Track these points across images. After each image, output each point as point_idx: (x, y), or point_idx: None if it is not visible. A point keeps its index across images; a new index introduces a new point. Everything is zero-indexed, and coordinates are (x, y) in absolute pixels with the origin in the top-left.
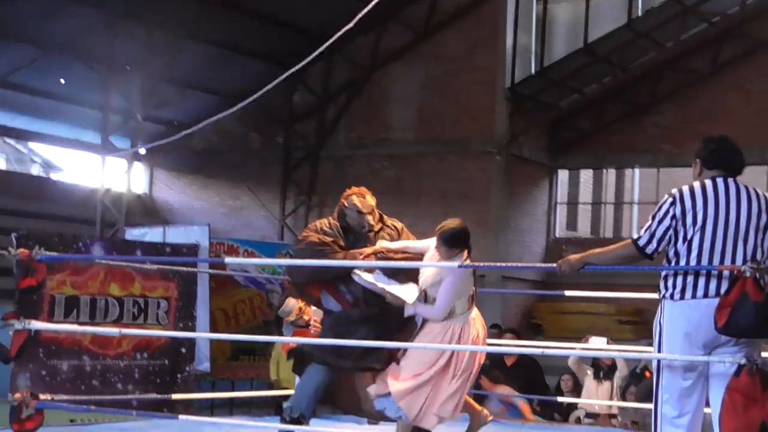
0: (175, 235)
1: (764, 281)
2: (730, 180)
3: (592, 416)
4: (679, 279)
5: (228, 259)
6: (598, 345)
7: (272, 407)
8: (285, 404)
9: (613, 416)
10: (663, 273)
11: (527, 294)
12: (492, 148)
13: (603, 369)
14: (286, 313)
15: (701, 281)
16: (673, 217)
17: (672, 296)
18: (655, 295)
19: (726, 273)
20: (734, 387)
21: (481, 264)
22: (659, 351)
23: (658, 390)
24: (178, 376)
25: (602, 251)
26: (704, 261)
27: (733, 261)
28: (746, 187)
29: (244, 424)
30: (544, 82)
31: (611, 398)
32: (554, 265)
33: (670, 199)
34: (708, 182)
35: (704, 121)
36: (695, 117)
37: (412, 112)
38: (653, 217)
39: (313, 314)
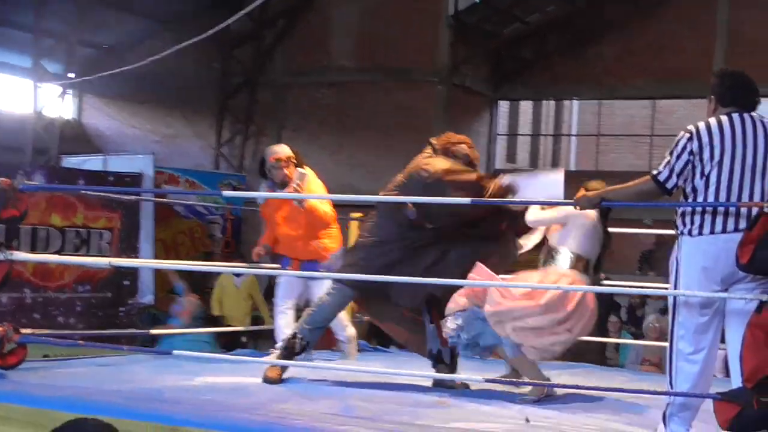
0: (117, 164)
1: None
2: (746, 115)
3: None
4: (697, 215)
5: (227, 193)
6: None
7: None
8: (297, 329)
9: None
10: (680, 210)
11: None
12: (434, 77)
13: None
14: None
15: (719, 217)
16: (691, 152)
17: (690, 232)
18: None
19: (745, 209)
20: (756, 323)
21: (497, 200)
22: (675, 287)
23: (674, 326)
24: (121, 309)
25: (621, 187)
26: (722, 196)
27: (751, 196)
28: (762, 122)
29: (238, 359)
30: (488, 10)
31: None
32: (572, 200)
33: (687, 135)
34: (724, 118)
35: (647, 53)
36: (639, 49)
37: (353, 39)
38: (671, 153)
39: (296, 177)
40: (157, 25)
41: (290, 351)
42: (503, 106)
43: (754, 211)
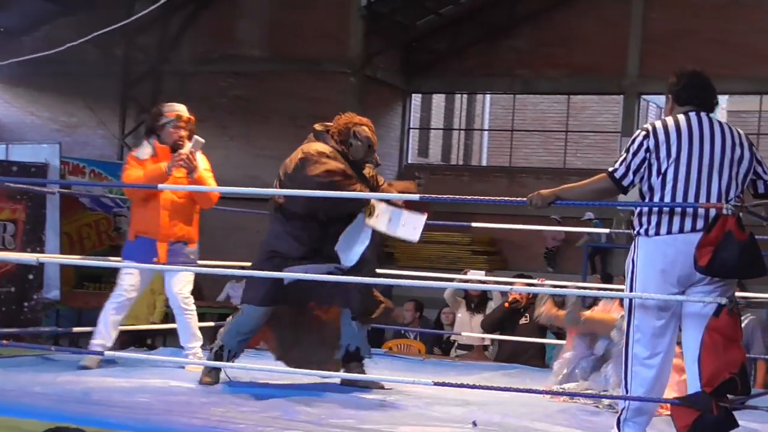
0: (20, 153)
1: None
2: (703, 115)
3: (465, 348)
4: (654, 214)
5: (163, 186)
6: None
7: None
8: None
9: (486, 348)
10: (637, 209)
11: None
12: (346, 68)
13: (474, 301)
14: None
15: (677, 216)
16: (647, 149)
17: (647, 232)
18: (509, 226)
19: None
20: (714, 327)
21: (444, 197)
22: (632, 289)
23: (629, 330)
24: (25, 304)
25: (576, 185)
26: (679, 195)
27: (708, 195)
28: (719, 122)
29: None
30: (401, 2)
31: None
32: (524, 198)
33: (644, 132)
34: (681, 117)
35: (561, 47)
36: (552, 42)
37: (261, 27)
38: (627, 150)
39: (193, 144)
40: (56, 7)
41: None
42: (416, 99)
43: (713, 212)
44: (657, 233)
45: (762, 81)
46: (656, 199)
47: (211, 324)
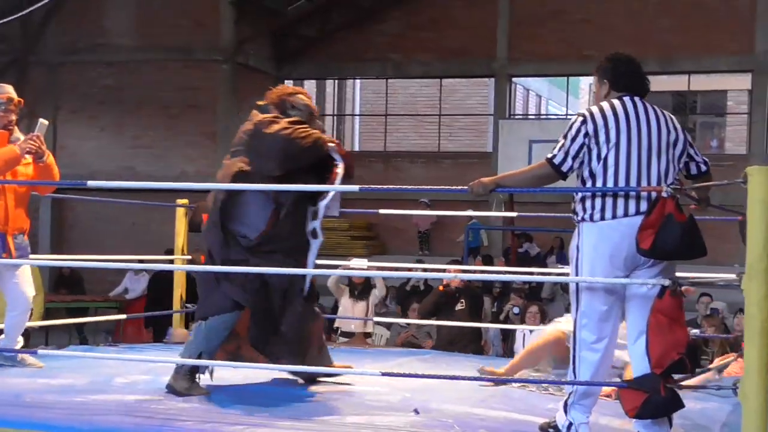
0: None
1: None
2: (637, 99)
3: (348, 335)
4: (598, 199)
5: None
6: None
7: None
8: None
9: (368, 335)
10: (579, 195)
11: None
12: (217, 56)
13: (358, 288)
14: None
15: (620, 200)
16: (586, 134)
17: (591, 217)
18: (386, 211)
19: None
20: (659, 308)
21: (385, 186)
22: (578, 275)
23: (576, 316)
24: None
25: (516, 172)
26: (621, 179)
27: (649, 178)
28: (653, 107)
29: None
30: None
31: (366, 317)
32: (465, 187)
33: (581, 118)
34: (616, 102)
35: (432, 30)
36: (422, 26)
37: (130, 15)
38: (565, 136)
39: (38, 128)
40: None
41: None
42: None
43: (654, 195)
44: (602, 218)
45: None
46: (599, 184)
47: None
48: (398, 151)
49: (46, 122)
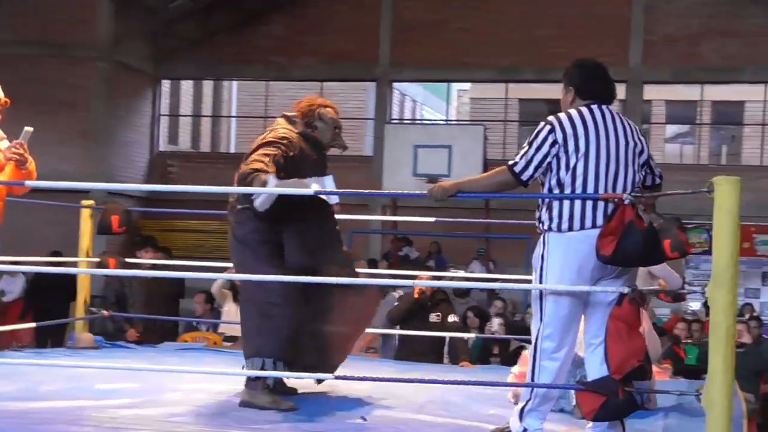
0: None
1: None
2: (605, 107)
3: (231, 339)
4: (566, 209)
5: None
6: None
7: None
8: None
9: None
10: (546, 204)
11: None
12: (94, 53)
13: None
14: None
15: (588, 210)
16: (554, 143)
17: (559, 227)
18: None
19: (611, 201)
20: (617, 315)
21: (355, 191)
22: (541, 283)
23: (540, 324)
24: None
25: (476, 178)
26: (590, 189)
27: (615, 188)
28: (618, 115)
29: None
30: None
31: None
32: (425, 192)
33: (548, 126)
34: (585, 110)
35: (314, 34)
36: (306, 29)
37: (4, 7)
38: (530, 144)
39: (23, 135)
40: None
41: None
42: (165, 85)
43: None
44: (570, 228)
45: (506, 70)
46: (567, 193)
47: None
48: None
49: (30, 129)
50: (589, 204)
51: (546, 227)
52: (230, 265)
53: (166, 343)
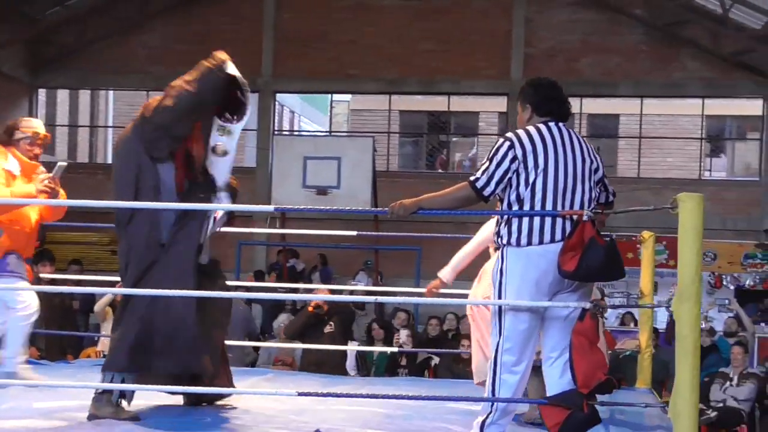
0: None
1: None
2: (561, 125)
3: None
4: (525, 224)
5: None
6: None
7: None
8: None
9: None
10: (504, 218)
11: None
12: None
13: None
14: None
15: (547, 225)
16: (514, 159)
17: (518, 242)
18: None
19: (570, 217)
20: (580, 330)
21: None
22: (500, 298)
23: (499, 339)
24: None
25: (437, 194)
26: (548, 204)
27: (572, 204)
28: (574, 133)
29: None
30: None
31: None
32: (386, 209)
33: (508, 143)
34: (542, 126)
35: (196, 44)
36: (186, 39)
37: None
38: (490, 160)
39: (57, 170)
40: None
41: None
42: (42, 94)
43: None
44: (529, 243)
45: (389, 81)
46: (526, 209)
47: None
48: None
49: (64, 164)
50: (548, 219)
51: (505, 242)
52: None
53: (80, 359)
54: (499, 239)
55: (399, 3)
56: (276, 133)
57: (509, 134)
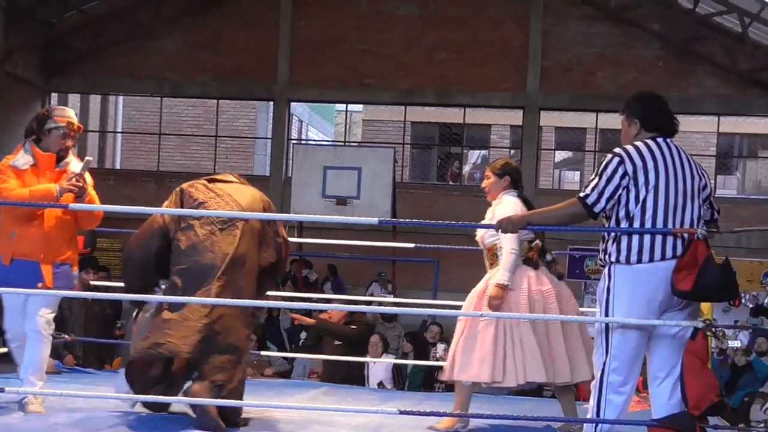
0: None
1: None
2: (669, 141)
3: None
4: (635, 241)
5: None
6: None
7: None
8: None
9: None
10: (612, 235)
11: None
12: None
13: None
14: None
15: (658, 243)
16: (624, 175)
17: (628, 260)
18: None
19: (681, 235)
20: (692, 350)
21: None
22: (608, 316)
23: (606, 358)
24: None
25: (546, 210)
26: (659, 222)
27: (682, 221)
28: (682, 149)
29: None
30: None
31: None
32: (494, 224)
33: (618, 158)
34: (652, 143)
35: (209, 50)
36: (200, 45)
37: None
38: (599, 176)
39: (84, 164)
40: None
41: None
42: (54, 98)
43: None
44: (639, 261)
45: (405, 92)
46: (636, 226)
47: None
48: (173, 172)
49: (91, 159)
50: (658, 237)
51: (614, 259)
52: None
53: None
54: (607, 256)
55: (415, 12)
56: (295, 142)
57: (618, 150)
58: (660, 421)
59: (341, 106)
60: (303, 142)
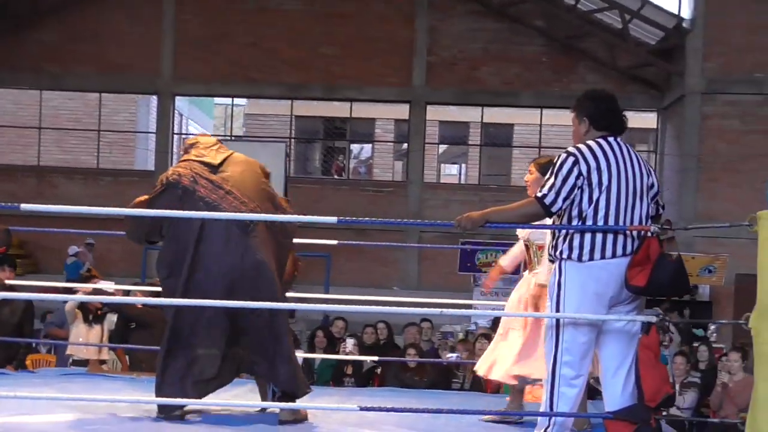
0: None
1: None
2: (620, 140)
3: (81, 363)
4: (587, 240)
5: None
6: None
7: None
8: None
9: (103, 362)
10: (563, 233)
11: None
12: None
13: (93, 313)
14: None
15: (609, 242)
16: (579, 175)
17: (579, 257)
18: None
19: (632, 233)
20: (646, 344)
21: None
22: (558, 311)
23: (557, 352)
24: None
25: (505, 208)
26: (610, 220)
27: (632, 219)
28: (631, 147)
29: None
30: None
31: (101, 343)
32: (452, 221)
33: (572, 158)
34: (603, 142)
35: (91, 43)
36: (81, 37)
37: None
38: (555, 175)
39: None
40: None
41: None
42: None
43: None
44: (591, 258)
45: (291, 86)
46: (589, 225)
47: None
48: (55, 167)
49: None
50: (610, 235)
51: (565, 256)
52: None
53: (45, 368)
54: (558, 253)
55: (301, 7)
56: (179, 135)
57: (572, 149)
58: (616, 413)
59: (220, 100)
60: (188, 136)
